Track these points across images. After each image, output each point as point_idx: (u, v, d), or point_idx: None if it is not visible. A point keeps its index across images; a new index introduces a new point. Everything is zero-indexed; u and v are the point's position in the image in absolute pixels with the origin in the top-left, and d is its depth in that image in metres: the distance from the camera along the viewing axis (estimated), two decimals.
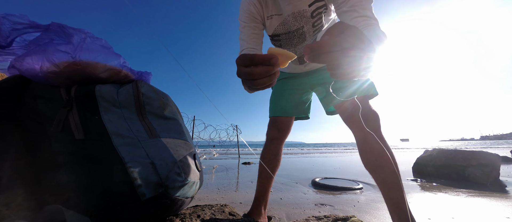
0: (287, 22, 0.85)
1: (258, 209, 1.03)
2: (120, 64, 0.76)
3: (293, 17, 0.82)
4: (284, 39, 0.90)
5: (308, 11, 0.80)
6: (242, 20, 0.86)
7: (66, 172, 0.58)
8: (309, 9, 0.79)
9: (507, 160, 3.92)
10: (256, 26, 0.86)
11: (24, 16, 0.65)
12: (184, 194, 0.70)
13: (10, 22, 0.63)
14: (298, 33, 0.87)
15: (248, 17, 0.85)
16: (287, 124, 1.06)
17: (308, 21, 0.82)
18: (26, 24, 0.65)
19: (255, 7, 0.84)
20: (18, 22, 0.64)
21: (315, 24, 0.83)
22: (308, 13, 0.80)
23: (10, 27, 0.63)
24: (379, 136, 0.78)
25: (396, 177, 0.75)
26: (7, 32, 0.63)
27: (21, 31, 0.65)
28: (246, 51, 0.83)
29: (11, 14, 0.63)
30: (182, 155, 0.73)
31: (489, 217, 1.18)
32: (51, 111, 0.66)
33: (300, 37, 0.88)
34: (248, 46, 0.84)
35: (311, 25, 0.83)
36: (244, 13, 0.85)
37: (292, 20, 0.83)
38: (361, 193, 1.73)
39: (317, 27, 0.84)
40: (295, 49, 0.93)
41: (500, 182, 2.13)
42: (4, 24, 0.62)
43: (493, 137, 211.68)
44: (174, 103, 0.90)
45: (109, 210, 0.57)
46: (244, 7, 0.85)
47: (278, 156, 1.06)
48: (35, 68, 0.64)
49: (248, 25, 0.85)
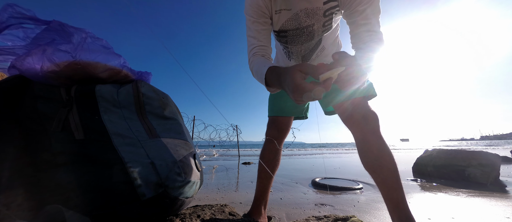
0: (298, 17, 0.82)
1: (258, 209, 1.03)
2: (120, 64, 0.76)
3: (305, 13, 0.80)
4: (291, 35, 0.88)
5: (321, 9, 0.78)
6: (250, 15, 0.81)
7: (66, 172, 0.58)
8: (323, 7, 0.77)
9: (507, 160, 3.92)
10: (265, 21, 0.82)
11: (30, 10, 0.65)
12: (184, 194, 0.70)
13: (13, 11, 0.63)
14: (308, 30, 0.85)
15: (256, 12, 0.80)
16: (286, 124, 1.06)
17: (320, 19, 0.81)
18: (27, 15, 0.65)
19: (263, 1, 0.79)
20: (20, 12, 0.64)
21: (325, 23, 0.82)
22: (321, 12, 0.78)
23: (9, 15, 0.63)
24: (378, 137, 0.77)
25: (396, 177, 0.75)
26: (4, 18, 0.63)
27: (19, 20, 0.64)
28: (257, 49, 0.81)
29: (18, 5, 0.64)
30: (182, 155, 0.73)
31: (489, 217, 1.18)
32: (51, 111, 0.66)
33: (309, 35, 0.86)
34: (259, 43, 0.81)
35: (321, 24, 0.82)
36: (252, 8, 0.81)
37: (304, 16, 0.80)
38: (361, 193, 1.73)
39: (326, 27, 0.83)
40: (301, 47, 0.91)
41: (500, 182, 2.13)
42: (6, 11, 0.62)
43: (493, 137, 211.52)
44: (174, 103, 0.90)
45: (109, 210, 0.57)
46: (251, 1, 0.80)
47: (278, 156, 1.06)
48: (35, 68, 0.64)
49: (256, 20, 0.81)
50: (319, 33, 0.85)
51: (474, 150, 2.39)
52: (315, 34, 0.86)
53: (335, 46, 0.95)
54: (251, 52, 0.81)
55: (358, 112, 0.80)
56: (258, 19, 0.81)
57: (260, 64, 0.71)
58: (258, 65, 0.72)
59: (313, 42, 0.89)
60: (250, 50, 0.82)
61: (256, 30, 0.81)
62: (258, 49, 0.80)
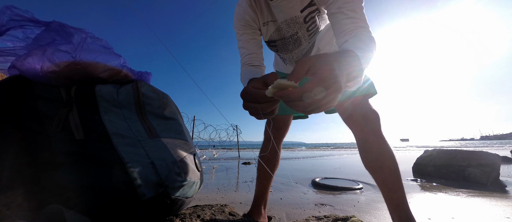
0: (281, 29, 0.83)
1: (258, 209, 1.03)
2: (120, 64, 0.76)
3: (286, 24, 0.81)
4: (280, 45, 0.89)
5: (300, 17, 0.78)
6: (238, 29, 0.85)
7: (66, 172, 0.58)
8: (302, 15, 0.77)
9: (507, 160, 3.92)
10: (254, 32, 0.84)
11: (28, 11, 0.65)
12: (184, 194, 0.70)
13: (11, 13, 0.63)
14: (293, 39, 0.85)
15: (244, 25, 0.83)
16: (285, 123, 1.06)
17: (302, 26, 0.81)
18: (26, 17, 0.65)
19: (249, 15, 0.82)
20: (18, 14, 0.64)
21: (309, 28, 0.81)
22: (301, 19, 0.78)
23: (8, 17, 0.63)
24: (379, 136, 0.77)
25: (397, 177, 0.75)
26: (4, 21, 0.63)
27: (19, 22, 0.65)
28: (247, 59, 0.82)
29: (16, 7, 0.64)
30: (182, 155, 0.73)
31: (489, 217, 1.18)
32: (51, 111, 0.66)
33: (295, 42, 0.86)
34: (249, 52, 0.82)
35: (305, 30, 0.82)
36: (239, 23, 0.83)
37: (286, 27, 0.81)
38: (361, 193, 1.73)
39: (311, 30, 0.83)
40: (291, 54, 0.92)
41: (500, 182, 2.13)
42: (5, 13, 0.62)
43: (493, 137, 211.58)
44: (174, 103, 0.90)
45: (109, 210, 0.57)
46: (239, 17, 0.83)
47: (277, 155, 1.06)
48: (35, 68, 0.64)
49: (245, 32, 0.83)
50: (305, 38, 0.85)
51: (474, 150, 2.39)
52: (302, 40, 0.86)
53: (333, 46, 0.95)
54: (241, 63, 0.85)
55: (358, 112, 0.80)
56: (246, 30, 0.83)
57: (244, 78, 0.74)
58: (243, 80, 0.76)
59: (303, 47, 0.89)
60: (241, 61, 0.85)
61: (245, 40, 0.83)
62: (247, 58, 0.82)
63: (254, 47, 0.83)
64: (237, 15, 0.83)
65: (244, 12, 0.82)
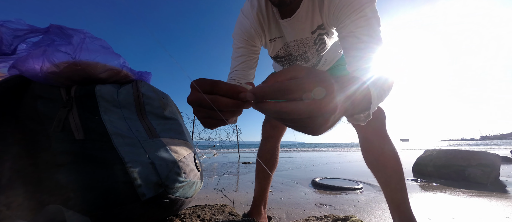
0: (289, 46, 0.81)
1: (258, 209, 1.03)
2: (120, 64, 0.76)
3: (295, 44, 0.79)
4: (286, 60, 0.88)
5: (311, 39, 0.76)
6: (238, 40, 0.79)
7: (66, 172, 0.58)
8: (312, 36, 0.75)
9: (507, 160, 3.92)
10: (252, 52, 0.79)
11: (20, 20, 0.64)
12: (184, 194, 0.70)
13: (10, 30, 0.62)
14: (301, 57, 0.84)
15: (247, 40, 0.78)
16: None
17: (311, 47, 0.79)
18: (26, 30, 0.65)
19: (256, 31, 0.76)
20: (18, 29, 0.64)
21: (318, 49, 0.80)
22: (311, 41, 0.77)
23: (11, 35, 0.63)
24: (381, 136, 0.76)
25: (399, 178, 0.74)
26: (9, 40, 0.62)
27: (22, 37, 0.65)
28: (234, 74, 0.79)
29: (8, 21, 0.63)
30: (182, 155, 0.73)
31: (489, 217, 1.18)
32: (51, 111, 0.66)
33: (303, 59, 0.85)
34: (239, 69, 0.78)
35: (314, 50, 0.81)
36: (242, 35, 0.77)
37: (295, 46, 0.80)
38: (361, 193, 1.73)
39: (320, 50, 0.82)
40: None
41: (500, 182, 2.13)
42: (5, 33, 0.61)
43: (493, 137, 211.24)
44: (174, 103, 0.90)
45: (109, 210, 0.57)
46: (243, 29, 0.77)
47: (275, 155, 1.05)
48: (35, 69, 0.64)
49: (244, 47, 0.78)
50: (314, 56, 0.84)
51: (474, 150, 2.39)
52: (310, 58, 0.85)
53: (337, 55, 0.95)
54: (229, 73, 0.82)
55: None
56: (246, 46, 0.78)
57: None
58: None
59: (310, 63, 0.88)
60: (230, 71, 0.82)
61: (241, 55, 0.79)
62: (235, 74, 0.79)
63: (245, 68, 0.79)
64: (241, 26, 0.77)
65: (251, 26, 0.76)
